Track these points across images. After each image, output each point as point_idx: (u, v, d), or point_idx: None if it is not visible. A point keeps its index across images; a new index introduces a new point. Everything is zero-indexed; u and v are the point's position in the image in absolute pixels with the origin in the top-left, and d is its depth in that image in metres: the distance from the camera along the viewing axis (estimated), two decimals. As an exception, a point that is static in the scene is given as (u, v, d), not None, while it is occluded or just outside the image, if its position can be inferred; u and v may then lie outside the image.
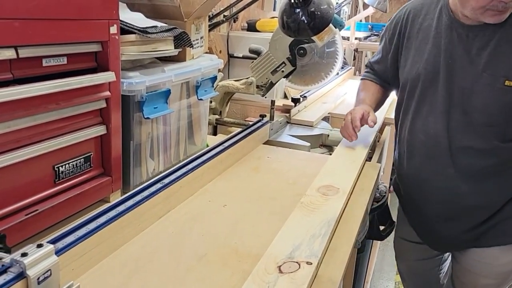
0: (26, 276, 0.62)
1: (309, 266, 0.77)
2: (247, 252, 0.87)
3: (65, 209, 0.89)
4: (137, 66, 1.12)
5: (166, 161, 1.24)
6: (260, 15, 2.68)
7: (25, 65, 0.76)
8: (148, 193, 0.95)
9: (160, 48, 1.12)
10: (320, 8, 1.35)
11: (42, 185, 0.84)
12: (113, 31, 0.92)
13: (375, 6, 3.30)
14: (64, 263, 0.71)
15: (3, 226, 0.75)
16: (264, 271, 0.75)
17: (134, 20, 1.07)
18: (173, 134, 1.25)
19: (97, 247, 0.79)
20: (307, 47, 1.67)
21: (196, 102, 1.33)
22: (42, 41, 0.77)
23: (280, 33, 1.55)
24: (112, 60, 0.93)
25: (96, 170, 0.97)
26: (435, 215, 1.32)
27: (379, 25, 4.33)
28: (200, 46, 1.37)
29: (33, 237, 0.82)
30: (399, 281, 2.85)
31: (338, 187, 1.10)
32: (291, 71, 1.70)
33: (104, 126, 0.96)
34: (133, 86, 1.02)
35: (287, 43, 1.64)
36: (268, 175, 1.28)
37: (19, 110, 0.75)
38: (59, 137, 0.86)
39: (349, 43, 3.48)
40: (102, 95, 0.93)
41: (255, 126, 1.52)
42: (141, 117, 1.07)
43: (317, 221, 0.92)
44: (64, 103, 0.84)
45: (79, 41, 0.86)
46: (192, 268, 0.81)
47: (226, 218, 1.01)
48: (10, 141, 0.76)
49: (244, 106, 2.07)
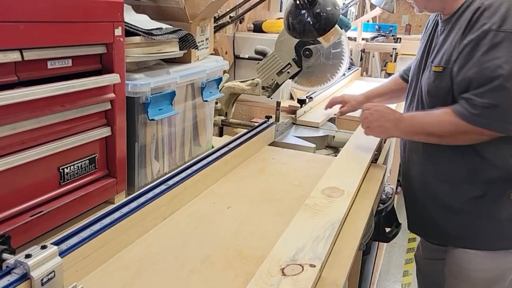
0: (30, 277, 0.63)
1: (312, 268, 0.76)
2: (251, 254, 0.87)
3: (70, 210, 0.90)
4: (142, 68, 1.12)
5: (171, 162, 1.24)
6: (266, 16, 2.68)
7: (30, 68, 0.77)
8: (153, 194, 0.95)
9: (165, 50, 1.12)
10: (326, 9, 1.35)
11: (47, 186, 0.85)
12: (118, 33, 0.92)
13: (382, 6, 3.28)
14: (68, 264, 0.72)
15: (8, 228, 0.76)
16: (267, 273, 0.75)
17: (139, 22, 1.08)
18: (178, 136, 1.25)
19: (101, 248, 0.80)
20: (313, 48, 1.67)
21: (201, 104, 1.33)
22: (47, 44, 0.78)
23: (286, 34, 1.55)
24: (117, 62, 0.93)
25: (101, 172, 0.98)
26: (414, 198, 1.38)
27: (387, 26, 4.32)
28: (205, 48, 1.37)
29: (38, 239, 0.83)
30: (406, 283, 2.84)
31: (343, 189, 1.10)
32: (296, 72, 1.70)
33: (109, 128, 0.97)
34: (138, 88, 1.02)
35: (293, 44, 1.64)
36: (273, 176, 1.28)
37: (24, 112, 0.76)
38: (64, 139, 0.86)
39: (356, 44, 3.47)
40: (107, 97, 0.93)
41: (261, 127, 1.52)
42: (146, 118, 1.07)
43: (321, 223, 0.92)
44: (69, 105, 0.85)
45: (84, 43, 0.86)
46: (196, 270, 0.81)
47: (230, 220, 1.01)
48: (15, 143, 0.76)
49: (250, 107, 2.07)
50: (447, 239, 1.34)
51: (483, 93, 1.09)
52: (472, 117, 1.11)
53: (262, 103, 1.99)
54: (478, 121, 1.10)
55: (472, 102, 1.10)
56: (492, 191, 1.20)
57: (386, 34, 4.23)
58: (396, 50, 3.50)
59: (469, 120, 1.11)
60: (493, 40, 1.07)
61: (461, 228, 1.27)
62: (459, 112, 1.13)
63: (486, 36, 1.09)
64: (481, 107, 1.09)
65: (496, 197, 1.20)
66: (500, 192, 1.20)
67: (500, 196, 1.20)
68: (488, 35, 1.08)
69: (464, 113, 1.12)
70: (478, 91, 1.09)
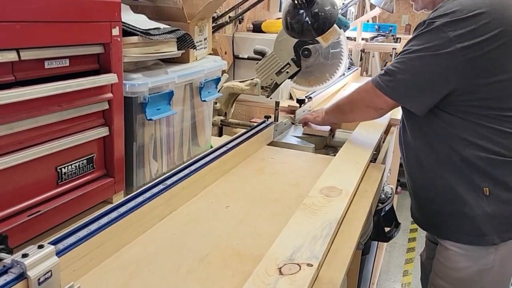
0: (26, 277, 0.63)
1: (309, 268, 0.76)
2: (248, 253, 0.87)
3: (68, 210, 0.90)
4: (140, 68, 1.12)
5: (170, 162, 1.24)
6: (265, 16, 2.69)
7: (27, 67, 0.77)
8: (150, 194, 0.95)
9: (163, 50, 1.12)
10: (324, 8, 1.35)
11: (44, 186, 0.85)
12: (115, 33, 0.92)
13: (381, 6, 3.29)
14: (65, 264, 0.72)
15: (5, 227, 0.76)
16: (264, 272, 0.75)
17: (137, 22, 1.08)
18: (176, 136, 1.25)
19: (99, 248, 0.80)
20: (311, 48, 1.67)
21: (200, 104, 1.33)
22: (44, 44, 0.78)
23: (285, 34, 1.55)
24: (114, 62, 0.94)
25: (98, 172, 0.98)
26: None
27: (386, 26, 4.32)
28: (203, 48, 1.37)
29: (35, 238, 0.83)
30: (406, 283, 2.84)
31: (341, 188, 1.09)
32: (295, 72, 1.70)
33: (106, 128, 0.97)
34: (136, 88, 1.02)
35: (292, 44, 1.64)
36: (272, 176, 1.28)
37: (21, 112, 0.76)
38: (62, 139, 0.86)
39: (355, 44, 3.47)
40: (104, 97, 0.93)
41: (260, 127, 1.52)
42: (144, 118, 1.07)
43: (319, 223, 0.92)
44: (67, 105, 0.85)
45: (81, 43, 0.86)
46: (193, 270, 0.81)
47: (228, 219, 1.01)
48: (12, 142, 0.76)
49: (249, 107, 2.07)
50: (427, 227, 1.38)
51: (393, 62, 1.22)
52: (375, 78, 1.24)
53: (262, 103, 1.99)
54: (375, 81, 1.23)
55: (385, 69, 1.23)
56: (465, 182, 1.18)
57: (386, 34, 4.23)
58: (395, 50, 3.50)
59: (373, 81, 1.25)
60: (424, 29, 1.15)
61: (439, 217, 1.27)
62: (373, 77, 1.27)
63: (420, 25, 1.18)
64: (385, 71, 1.22)
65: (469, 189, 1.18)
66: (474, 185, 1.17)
67: (474, 189, 1.17)
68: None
69: (375, 76, 1.26)
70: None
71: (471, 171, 1.17)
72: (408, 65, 1.16)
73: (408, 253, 3.22)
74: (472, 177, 1.17)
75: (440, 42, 1.09)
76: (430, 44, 1.11)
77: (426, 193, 1.30)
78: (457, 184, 1.19)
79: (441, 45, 1.09)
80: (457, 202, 1.20)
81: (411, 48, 1.16)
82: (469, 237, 1.21)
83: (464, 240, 1.22)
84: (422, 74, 1.15)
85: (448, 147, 1.18)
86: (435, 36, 1.10)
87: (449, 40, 1.08)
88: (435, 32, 1.10)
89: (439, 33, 1.10)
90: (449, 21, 1.09)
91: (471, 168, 1.17)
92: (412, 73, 1.16)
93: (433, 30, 1.11)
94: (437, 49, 1.10)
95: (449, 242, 1.25)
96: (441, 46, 1.09)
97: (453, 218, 1.22)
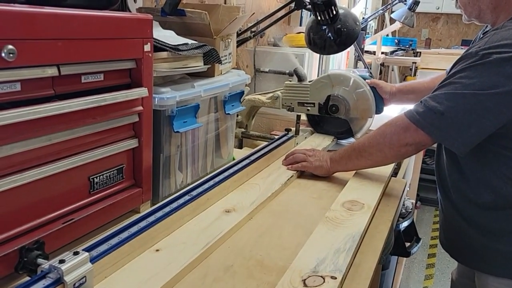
0: (63, 281, 0.66)
1: (333, 280, 0.78)
2: (272, 265, 0.89)
3: (99, 218, 0.93)
4: (168, 82, 1.16)
5: (194, 173, 1.27)
6: (286, 30, 2.72)
7: (65, 82, 0.81)
8: (177, 204, 0.98)
9: (190, 65, 1.16)
10: (346, 25, 1.38)
11: (78, 195, 0.89)
12: (147, 49, 0.96)
13: (402, 21, 3.30)
14: (98, 270, 0.74)
15: (42, 234, 0.80)
16: (289, 284, 0.76)
17: (166, 37, 1.12)
18: (201, 147, 1.29)
19: (129, 256, 0.82)
20: (340, 106, 1.63)
21: (224, 116, 1.36)
22: (82, 59, 0.82)
23: (325, 79, 1.57)
24: (145, 76, 0.97)
25: (127, 182, 1.01)
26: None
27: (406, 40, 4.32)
28: (228, 62, 1.41)
29: (68, 245, 0.86)
30: (425, 300, 2.79)
31: (363, 202, 1.11)
32: (314, 115, 1.70)
33: (136, 140, 1.00)
34: (164, 101, 1.06)
35: (328, 92, 1.63)
36: (293, 189, 1.30)
37: (60, 124, 0.80)
38: (95, 150, 0.90)
39: (375, 58, 3.48)
40: (135, 110, 0.97)
41: (281, 140, 1.54)
42: (171, 130, 1.10)
43: (342, 236, 0.93)
44: (100, 118, 0.89)
45: (116, 58, 0.90)
46: (219, 278, 0.84)
47: (251, 231, 1.03)
48: (51, 153, 0.80)
49: (270, 120, 2.10)
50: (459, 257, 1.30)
51: (436, 96, 1.08)
52: (413, 114, 1.10)
53: (282, 116, 2.01)
54: (414, 119, 1.09)
55: (424, 103, 1.09)
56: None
57: (406, 48, 4.23)
58: (415, 64, 3.50)
59: (410, 118, 1.10)
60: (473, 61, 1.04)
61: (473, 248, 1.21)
62: (407, 112, 1.13)
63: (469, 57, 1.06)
64: (425, 105, 1.08)
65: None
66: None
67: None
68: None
69: (411, 111, 1.12)
70: (434, 93, 1.09)
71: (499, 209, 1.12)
72: (460, 103, 1.04)
73: (428, 269, 3.17)
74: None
75: (498, 79, 1.00)
76: (486, 79, 1.01)
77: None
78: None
79: (500, 82, 1.00)
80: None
81: (462, 81, 1.04)
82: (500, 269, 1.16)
83: (495, 271, 1.17)
84: (473, 113, 1.03)
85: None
86: (491, 70, 1.01)
87: (508, 77, 0.99)
88: (490, 66, 1.01)
89: (496, 67, 1.00)
90: (509, 56, 0.99)
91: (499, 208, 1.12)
92: (463, 112, 1.03)
93: (488, 64, 1.01)
94: (495, 87, 1.00)
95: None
96: (500, 83, 1.00)
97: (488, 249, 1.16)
